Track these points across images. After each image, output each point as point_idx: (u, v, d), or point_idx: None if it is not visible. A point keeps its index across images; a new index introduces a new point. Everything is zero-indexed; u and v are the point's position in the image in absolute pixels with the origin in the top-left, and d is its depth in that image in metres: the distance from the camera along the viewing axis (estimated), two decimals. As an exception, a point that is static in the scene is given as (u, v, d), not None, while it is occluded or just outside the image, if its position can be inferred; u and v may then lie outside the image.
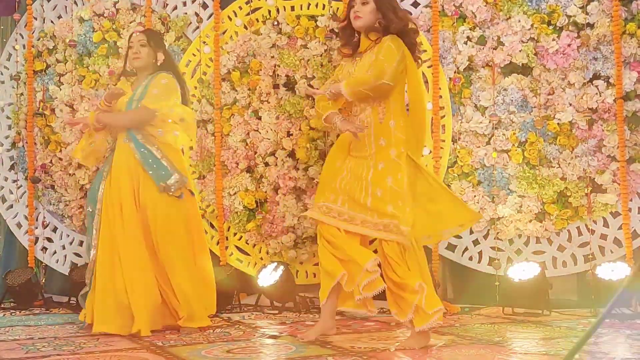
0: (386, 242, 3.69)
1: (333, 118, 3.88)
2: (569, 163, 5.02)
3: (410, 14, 5.22)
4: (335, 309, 3.96)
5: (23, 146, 6.02)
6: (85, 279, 4.47)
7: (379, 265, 3.72)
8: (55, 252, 5.99)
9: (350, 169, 3.88)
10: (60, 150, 5.90)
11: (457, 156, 5.19)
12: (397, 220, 3.67)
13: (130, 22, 5.76)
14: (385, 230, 3.70)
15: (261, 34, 5.52)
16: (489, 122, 5.12)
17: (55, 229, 6.02)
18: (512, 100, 5.08)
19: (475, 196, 5.14)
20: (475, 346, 3.69)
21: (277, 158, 5.44)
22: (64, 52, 5.92)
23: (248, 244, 5.58)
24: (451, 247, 5.25)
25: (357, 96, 3.78)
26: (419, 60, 4.00)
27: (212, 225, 5.63)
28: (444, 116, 5.20)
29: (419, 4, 5.34)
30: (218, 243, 5.59)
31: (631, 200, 4.96)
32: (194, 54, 5.66)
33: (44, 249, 5.97)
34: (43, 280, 5.91)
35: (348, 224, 3.78)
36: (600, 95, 4.96)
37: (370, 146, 3.82)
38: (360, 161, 3.85)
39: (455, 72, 5.20)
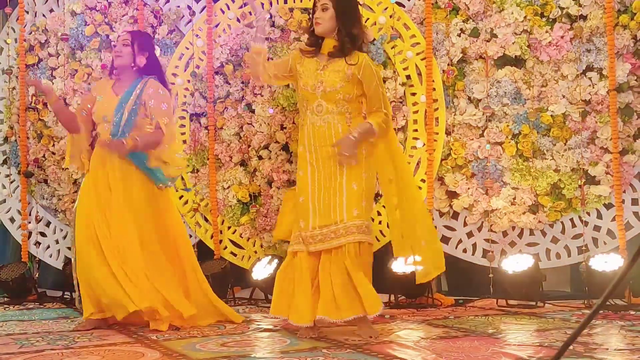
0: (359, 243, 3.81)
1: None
2: (562, 155, 5.02)
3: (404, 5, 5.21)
4: None
5: (16, 140, 6.00)
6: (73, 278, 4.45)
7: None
8: (48, 247, 5.98)
9: (319, 178, 3.90)
10: (53, 145, 5.89)
11: (451, 148, 5.19)
12: (367, 221, 3.85)
13: (123, 16, 5.74)
14: (358, 232, 3.79)
15: (254, 26, 5.50)
16: (483, 114, 5.12)
17: (48, 224, 6.01)
18: (505, 93, 5.09)
19: (469, 188, 5.14)
20: (469, 338, 3.70)
21: (270, 151, 5.44)
22: (56, 46, 5.90)
23: (242, 237, 5.58)
24: (445, 240, 5.25)
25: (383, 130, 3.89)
26: None
27: (206, 219, 5.63)
28: (437, 109, 5.20)
29: (412, -3, 5.34)
30: (212, 237, 5.58)
31: (624, 191, 4.97)
32: (186, 47, 5.64)
33: (38, 243, 5.96)
34: (37, 275, 5.90)
35: (323, 243, 3.83)
36: (594, 87, 4.96)
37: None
38: (329, 162, 3.88)
39: (448, 65, 5.20)
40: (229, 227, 5.60)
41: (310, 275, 3.84)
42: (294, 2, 5.48)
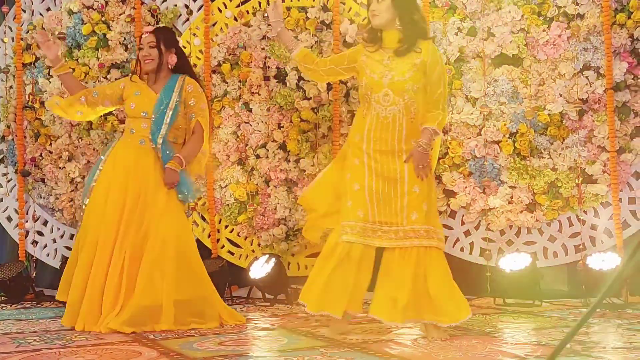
0: (425, 248, 3.74)
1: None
2: (560, 154, 5.03)
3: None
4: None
5: (12, 139, 6.00)
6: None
7: None
8: (46, 246, 5.97)
9: (376, 169, 3.81)
10: (50, 144, 5.88)
11: (448, 147, 5.20)
12: (429, 225, 3.75)
13: (120, 14, 5.73)
14: (416, 237, 3.73)
15: (251, 25, 5.51)
16: (480, 113, 5.12)
17: (45, 223, 6.00)
18: (502, 92, 5.09)
19: (466, 187, 5.15)
20: (467, 337, 3.70)
21: (268, 150, 5.43)
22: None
23: (239, 236, 5.58)
24: (442, 238, 5.25)
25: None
26: None
27: (203, 218, 5.62)
28: (435, 107, 5.19)
29: (410, -5, 5.33)
30: (209, 235, 5.58)
31: (621, 190, 4.98)
32: (184, 46, 5.62)
33: (35, 242, 5.96)
34: (34, 274, 5.90)
35: (382, 240, 3.77)
36: (591, 86, 4.97)
37: (401, 142, 3.79)
38: (387, 157, 3.80)
39: (445, 63, 5.20)
40: (227, 226, 5.60)
41: (367, 269, 3.78)
42: (291, 0, 5.48)
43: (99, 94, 4.47)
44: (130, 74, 4.53)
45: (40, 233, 6.00)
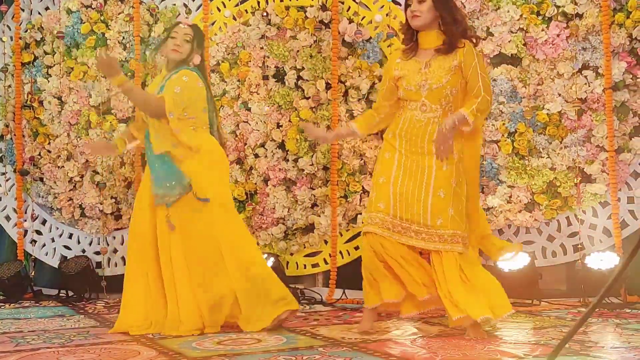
0: (446, 252, 3.71)
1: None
2: (558, 153, 5.03)
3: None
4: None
5: (11, 138, 6.00)
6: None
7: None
8: (44, 245, 5.97)
9: (405, 165, 3.79)
10: (49, 143, 5.88)
11: (447, 147, 5.19)
12: (459, 230, 3.72)
13: (119, 14, 5.74)
14: (440, 241, 3.71)
15: (250, 25, 5.51)
16: (479, 112, 5.12)
17: (44, 222, 6.00)
18: (501, 91, 5.09)
19: (465, 187, 5.15)
20: (466, 336, 3.70)
21: (266, 149, 5.43)
22: (52, 44, 5.89)
23: (238, 235, 5.57)
24: (441, 238, 5.26)
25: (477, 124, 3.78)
26: None
27: (202, 217, 5.62)
28: (434, 107, 5.19)
29: (408, -5, 5.33)
30: (208, 235, 5.58)
31: (620, 190, 4.98)
32: (182, 46, 5.63)
33: (33, 241, 5.96)
34: (32, 273, 5.90)
35: (401, 236, 3.75)
36: (589, 86, 4.97)
37: (432, 144, 3.75)
38: (418, 156, 3.78)
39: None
40: (225, 225, 5.59)
41: (387, 256, 3.78)
42: (290, 0, 5.48)
43: None
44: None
45: (38, 232, 6.00)
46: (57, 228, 5.96)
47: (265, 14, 5.47)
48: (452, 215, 3.72)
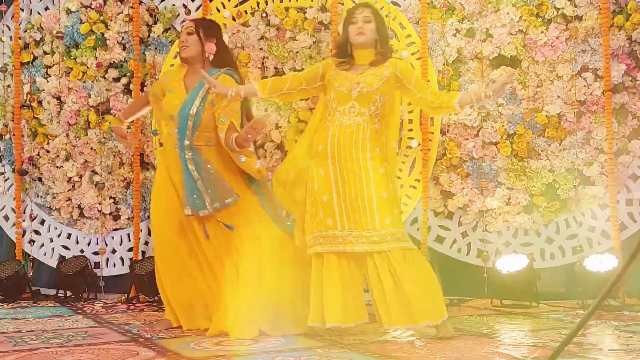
0: (392, 251, 3.74)
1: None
2: (557, 155, 5.03)
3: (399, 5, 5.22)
4: None
5: (10, 138, 5.99)
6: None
7: None
8: (43, 245, 5.96)
9: (342, 176, 3.88)
10: (48, 143, 5.88)
11: (446, 148, 5.20)
12: (402, 229, 3.81)
13: (118, 14, 5.73)
14: (393, 239, 3.74)
15: (249, 25, 5.51)
16: (478, 114, 5.12)
17: (42, 222, 6.00)
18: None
19: (463, 188, 5.15)
20: (464, 338, 3.70)
21: (265, 150, 5.43)
22: (51, 44, 5.88)
23: (237, 236, 5.56)
24: (440, 239, 5.26)
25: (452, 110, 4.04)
26: None
27: (200, 218, 5.61)
28: (433, 108, 5.19)
29: (408, -4, 5.34)
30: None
31: (619, 192, 4.98)
32: (182, 46, 5.63)
33: (32, 241, 5.95)
34: (31, 273, 5.89)
35: (354, 245, 3.79)
36: (589, 88, 4.97)
37: (365, 150, 3.87)
38: (352, 164, 3.87)
39: (444, 65, 5.20)
40: (224, 226, 5.59)
41: (341, 276, 3.81)
42: (290, 0, 5.47)
43: (154, 94, 4.29)
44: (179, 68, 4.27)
45: (37, 232, 6.00)
46: (56, 228, 5.95)
47: (264, 14, 5.47)
48: (397, 214, 3.86)
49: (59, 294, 5.62)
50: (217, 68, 4.14)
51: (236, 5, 5.58)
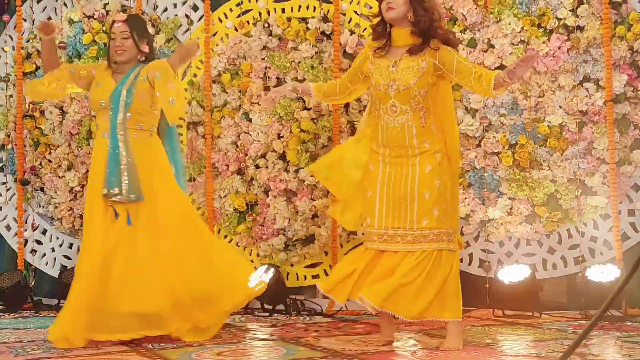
0: (432, 251, 3.77)
1: None
2: (559, 165, 5.03)
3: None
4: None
5: (12, 148, 6.00)
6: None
7: None
8: (44, 255, 5.97)
9: (390, 173, 3.86)
10: (50, 153, 5.89)
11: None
12: (445, 228, 3.79)
13: (121, 24, 5.74)
14: (425, 241, 3.77)
15: (252, 36, 5.52)
16: (480, 124, 5.12)
17: (44, 232, 6.00)
18: (502, 103, 5.09)
19: (465, 198, 5.15)
20: (466, 348, 3.69)
21: (267, 160, 5.43)
22: (54, 54, 5.89)
23: (238, 246, 5.57)
24: (442, 250, 5.25)
25: (494, 94, 3.79)
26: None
27: (202, 228, 5.62)
28: (435, 118, 5.19)
29: (410, 7, 5.34)
30: (208, 245, 5.57)
31: (621, 202, 4.97)
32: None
33: (34, 251, 5.95)
34: (32, 283, 5.89)
35: (388, 244, 3.81)
36: (590, 98, 4.97)
37: (413, 147, 3.82)
38: (401, 161, 3.85)
39: (445, 75, 5.20)
40: (226, 236, 5.59)
41: (373, 265, 3.83)
42: (292, 11, 5.49)
43: (75, 72, 4.36)
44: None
45: (39, 242, 6.00)
46: (58, 238, 5.96)
47: (266, 25, 5.48)
48: (438, 216, 3.79)
49: (60, 304, 5.60)
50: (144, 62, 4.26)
51: (238, 16, 5.60)
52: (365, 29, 5.29)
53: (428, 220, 3.76)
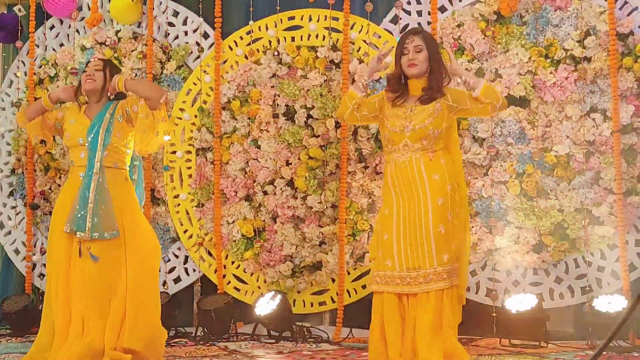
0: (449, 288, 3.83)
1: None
2: (566, 195, 5.04)
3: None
4: None
5: (22, 172, 6.04)
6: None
7: None
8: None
9: (404, 216, 3.88)
10: (60, 177, 5.92)
11: (455, 187, 5.21)
12: (456, 263, 3.88)
13: (132, 51, 5.81)
14: (449, 277, 3.82)
15: (261, 63, 5.57)
16: (487, 153, 5.14)
17: (53, 256, 6.01)
18: (509, 132, 5.12)
19: (472, 227, 5.15)
20: (473, 377, 3.69)
21: (275, 187, 5.46)
22: (65, 80, 5.95)
23: (246, 272, 5.58)
24: (448, 278, 5.25)
25: (489, 101, 3.92)
26: None
27: (209, 254, 5.64)
28: (442, 147, 5.22)
29: (418, 36, 5.38)
30: (216, 271, 5.59)
31: (628, 232, 4.97)
32: (194, 83, 5.70)
33: (42, 275, 5.97)
34: (40, 307, 5.88)
35: (412, 287, 3.81)
36: (597, 128, 4.99)
37: (423, 182, 3.88)
38: (413, 201, 3.88)
39: (453, 104, 5.23)
40: (233, 262, 5.61)
41: (400, 314, 3.84)
42: (301, 39, 5.55)
43: (44, 122, 4.46)
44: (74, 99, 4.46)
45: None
46: (66, 262, 5.97)
47: (276, 53, 5.53)
48: (454, 249, 3.86)
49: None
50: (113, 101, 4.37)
51: (249, 44, 5.65)
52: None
53: (448, 254, 3.82)
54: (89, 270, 4.07)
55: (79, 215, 4.10)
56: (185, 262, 5.74)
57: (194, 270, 5.70)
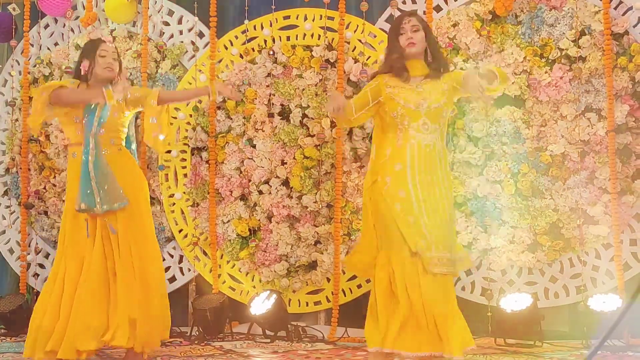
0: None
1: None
2: (561, 194, 5.05)
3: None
4: None
5: (17, 172, 6.03)
6: None
7: None
8: (47, 279, 5.95)
9: (424, 200, 3.79)
10: (54, 177, 5.91)
11: (450, 186, 5.21)
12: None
13: (127, 50, 5.80)
14: (464, 263, 3.95)
15: (257, 63, 5.57)
16: (482, 152, 5.15)
17: (47, 255, 6.01)
18: (504, 132, 5.12)
19: (467, 226, 5.16)
20: (468, 377, 3.69)
21: (271, 186, 5.46)
22: (60, 79, 5.94)
23: (241, 272, 5.58)
24: (444, 277, 5.25)
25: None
26: None
27: (205, 253, 5.63)
28: (438, 147, 5.22)
29: (413, 36, 5.38)
30: (211, 271, 5.58)
31: (623, 232, 4.98)
32: (189, 82, 5.69)
33: (36, 275, 5.96)
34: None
35: (441, 267, 3.75)
36: (592, 128, 5.00)
37: (443, 169, 3.91)
38: (433, 188, 3.84)
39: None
40: (228, 262, 5.61)
41: None
42: (297, 39, 5.54)
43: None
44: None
45: (41, 266, 6.01)
46: (60, 262, 5.96)
47: (271, 52, 5.53)
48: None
49: (62, 328, 5.61)
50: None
51: (244, 43, 5.65)
52: (369, 57, 5.34)
53: (455, 242, 3.93)
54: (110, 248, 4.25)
55: (88, 192, 4.19)
56: (180, 261, 5.73)
57: (189, 270, 5.69)
